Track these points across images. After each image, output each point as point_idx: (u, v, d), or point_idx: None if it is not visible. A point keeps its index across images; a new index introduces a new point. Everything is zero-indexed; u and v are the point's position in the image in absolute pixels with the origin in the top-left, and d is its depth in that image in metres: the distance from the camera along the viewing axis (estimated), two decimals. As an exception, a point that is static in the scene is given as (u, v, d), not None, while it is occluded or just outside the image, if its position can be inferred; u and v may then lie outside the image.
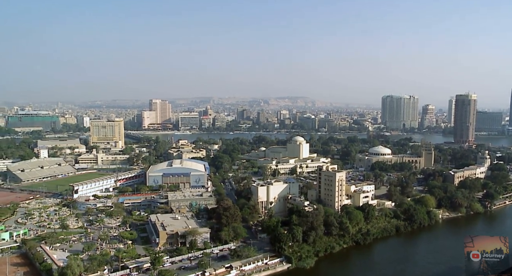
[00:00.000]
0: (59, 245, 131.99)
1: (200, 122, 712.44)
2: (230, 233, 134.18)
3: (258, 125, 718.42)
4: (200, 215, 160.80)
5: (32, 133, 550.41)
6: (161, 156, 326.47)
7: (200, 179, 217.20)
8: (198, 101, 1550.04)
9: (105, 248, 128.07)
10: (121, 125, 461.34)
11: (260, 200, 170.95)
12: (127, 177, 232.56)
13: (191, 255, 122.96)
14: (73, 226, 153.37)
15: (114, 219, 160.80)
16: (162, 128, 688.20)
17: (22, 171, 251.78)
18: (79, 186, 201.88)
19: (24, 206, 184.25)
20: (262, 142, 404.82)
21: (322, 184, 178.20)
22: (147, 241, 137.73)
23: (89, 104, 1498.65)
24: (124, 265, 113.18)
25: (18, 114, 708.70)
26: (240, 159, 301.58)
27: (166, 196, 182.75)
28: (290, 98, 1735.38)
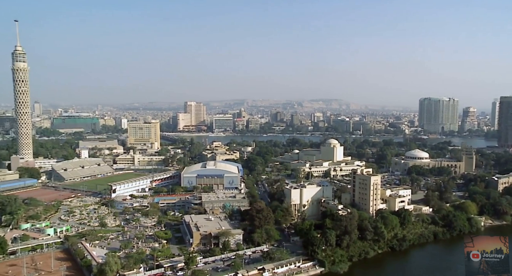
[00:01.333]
0: (98, 242, 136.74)
1: (234, 124, 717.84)
2: (263, 235, 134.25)
3: (291, 128, 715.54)
4: (233, 217, 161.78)
5: (75, 134, 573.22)
6: (195, 158, 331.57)
7: (233, 181, 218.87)
8: (232, 104, 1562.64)
9: (141, 247, 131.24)
10: (157, 127, 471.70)
11: (293, 202, 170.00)
12: (162, 178, 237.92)
13: (224, 256, 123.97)
14: (111, 225, 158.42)
15: (150, 219, 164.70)
16: (197, 130, 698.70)
17: (65, 170, 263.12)
18: (117, 185, 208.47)
19: (67, 203, 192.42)
20: (296, 145, 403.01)
21: (357, 188, 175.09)
22: (181, 241, 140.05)
23: (127, 106, 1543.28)
24: (159, 264, 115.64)
25: (62, 116, 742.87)
26: (273, 162, 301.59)
27: (200, 197, 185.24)
28: (324, 101, 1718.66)
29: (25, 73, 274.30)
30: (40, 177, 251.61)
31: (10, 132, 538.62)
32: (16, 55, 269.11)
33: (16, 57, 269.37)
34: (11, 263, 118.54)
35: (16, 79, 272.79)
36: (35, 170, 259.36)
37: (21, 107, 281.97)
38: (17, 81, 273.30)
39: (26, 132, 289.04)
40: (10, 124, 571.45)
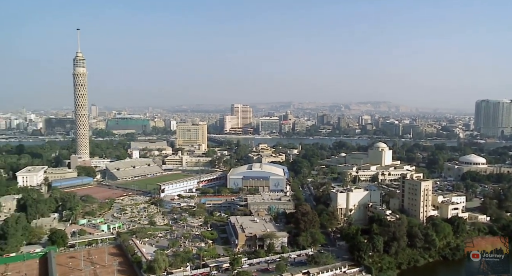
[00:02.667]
0: (147, 239, 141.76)
1: (280, 126, 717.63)
2: (308, 239, 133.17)
3: (338, 131, 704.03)
4: (278, 219, 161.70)
5: (127, 135, 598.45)
6: (241, 160, 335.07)
7: (279, 183, 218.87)
8: (278, 106, 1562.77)
9: (188, 246, 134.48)
10: (205, 128, 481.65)
11: (339, 206, 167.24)
12: (209, 179, 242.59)
13: (268, 258, 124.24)
14: (159, 223, 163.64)
15: (197, 219, 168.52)
16: (243, 132, 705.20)
17: (118, 170, 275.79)
18: (166, 185, 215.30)
19: (119, 202, 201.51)
20: (343, 148, 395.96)
21: (406, 193, 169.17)
22: (227, 241, 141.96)
23: (176, 108, 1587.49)
24: (205, 264, 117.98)
25: (116, 118, 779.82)
26: (319, 165, 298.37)
27: (246, 199, 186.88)
28: (372, 103, 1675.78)
29: (84, 77, 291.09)
30: (95, 176, 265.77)
31: (70, 133, 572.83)
32: (76, 61, 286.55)
33: (77, 63, 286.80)
34: (71, 255, 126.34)
35: (76, 83, 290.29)
36: (91, 169, 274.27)
37: (80, 110, 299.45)
38: (77, 85, 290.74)
39: (84, 133, 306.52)
40: (70, 125, 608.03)
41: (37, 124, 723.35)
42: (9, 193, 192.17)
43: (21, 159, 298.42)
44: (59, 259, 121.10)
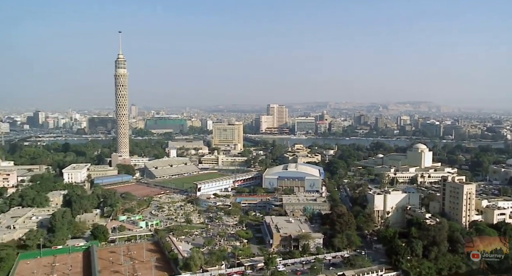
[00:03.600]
0: (183, 237, 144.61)
1: (316, 126, 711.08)
2: (344, 241, 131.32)
3: (376, 131, 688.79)
4: (314, 220, 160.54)
5: (165, 135, 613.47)
6: (277, 160, 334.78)
7: (314, 184, 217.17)
8: (314, 106, 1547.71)
9: (223, 245, 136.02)
10: (241, 128, 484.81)
11: (376, 208, 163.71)
12: (244, 178, 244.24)
13: (303, 259, 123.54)
14: (195, 221, 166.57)
15: (232, 218, 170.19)
16: (279, 132, 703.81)
17: (156, 168, 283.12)
18: (202, 184, 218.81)
19: (157, 199, 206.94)
20: (380, 149, 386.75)
21: (447, 196, 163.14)
22: (261, 241, 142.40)
23: (213, 108, 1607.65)
24: (240, 262, 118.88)
25: (154, 118, 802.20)
26: (356, 166, 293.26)
27: (281, 199, 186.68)
28: (412, 103, 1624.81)
29: (125, 78, 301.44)
30: (134, 174, 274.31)
31: (111, 132, 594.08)
32: (118, 63, 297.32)
33: (118, 64, 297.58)
34: (111, 250, 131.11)
35: (117, 84, 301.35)
36: (130, 167, 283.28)
37: (120, 109, 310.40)
38: (118, 86, 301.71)
39: (124, 132, 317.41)
40: (111, 124, 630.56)
41: (81, 124, 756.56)
42: (56, 188, 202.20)
43: (67, 156, 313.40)
44: (100, 253, 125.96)
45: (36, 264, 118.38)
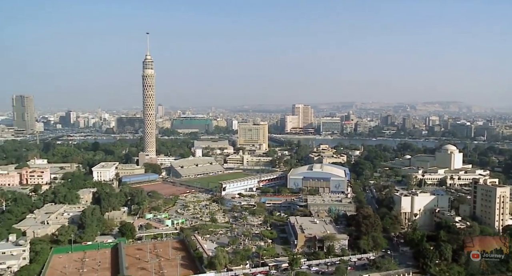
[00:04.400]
0: (208, 236, 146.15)
1: (341, 127, 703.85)
2: (370, 242, 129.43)
3: (403, 132, 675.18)
4: (339, 221, 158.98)
5: (190, 134, 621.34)
6: (302, 160, 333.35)
7: (340, 185, 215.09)
8: (340, 106, 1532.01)
9: (248, 244, 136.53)
10: (266, 128, 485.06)
11: (403, 210, 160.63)
12: (269, 178, 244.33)
13: (328, 261, 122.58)
14: (220, 221, 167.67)
15: (256, 218, 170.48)
16: (304, 132, 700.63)
17: (182, 168, 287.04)
18: (227, 184, 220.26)
19: (182, 198, 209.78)
20: (408, 150, 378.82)
21: (478, 199, 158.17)
22: (286, 241, 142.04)
23: (238, 108, 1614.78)
24: (264, 262, 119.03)
25: (180, 117, 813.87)
26: (382, 167, 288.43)
27: (306, 199, 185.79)
28: (441, 103, 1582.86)
29: (152, 78, 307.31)
30: (161, 173, 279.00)
31: (139, 131, 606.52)
32: (146, 63, 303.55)
33: (146, 65, 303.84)
34: (138, 247, 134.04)
35: (145, 84, 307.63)
36: (157, 166, 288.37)
37: (148, 109, 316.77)
38: (145, 86, 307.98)
39: (151, 132, 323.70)
40: (139, 124, 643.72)
41: (110, 123, 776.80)
42: (86, 186, 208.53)
43: (96, 155, 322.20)
44: (128, 250, 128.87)
45: (68, 258, 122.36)
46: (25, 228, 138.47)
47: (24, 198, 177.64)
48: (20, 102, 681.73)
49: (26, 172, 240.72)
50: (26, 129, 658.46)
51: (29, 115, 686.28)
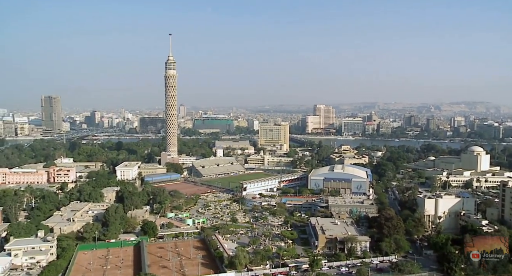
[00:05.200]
0: (229, 236, 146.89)
1: (363, 127, 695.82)
2: (392, 245, 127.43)
3: (427, 133, 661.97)
4: (360, 223, 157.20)
5: (212, 134, 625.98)
6: (323, 161, 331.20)
7: (361, 186, 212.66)
8: (362, 107, 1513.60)
9: (268, 244, 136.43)
10: (287, 129, 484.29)
11: (427, 213, 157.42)
12: (290, 179, 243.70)
13: (349, 262, 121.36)
14: (241, 221, 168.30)
15: (277, 218, 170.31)
16: (325, 132, 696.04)
17: (203, 167, 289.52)
18: (248, 184, 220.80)
19: (203, 198, 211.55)
20: (432, 151, 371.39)
21: (507, 203, 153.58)
22: (306, 242, 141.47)
23: (259, 108, 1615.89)
24: (284, 263, 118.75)
25: (202, 118, 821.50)
26: (405, 168, 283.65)
27: (327, 201, 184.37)
28: (467, 104, 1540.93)
29: (174, 79, 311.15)
30: (182, 172, 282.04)
31: (161, 131, 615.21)
32: (168, 64, 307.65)
33: (168, 66, 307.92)
34: (160, 245, 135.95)
35: (167, 85, 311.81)
36: (179, 165, 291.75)
37: (170, 110, 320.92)
38: (167, 87, 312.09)
39: (173, 132, 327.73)
40: (161, 124, 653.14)
41: (133, 123, 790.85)
42: (110, 185, 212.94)
43: (120, 154, 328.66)
44: (150, 248, 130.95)
45: (92, 255, 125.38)
46: (52, 225, 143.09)
47: (51, 196, 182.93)
48: (48, 103, 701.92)
49: (53, 170, 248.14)
50: (54, 128, 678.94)
51: (56, 115, 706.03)
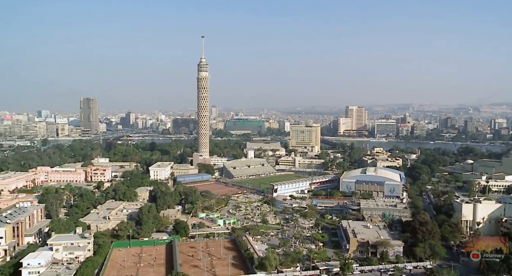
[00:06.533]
0: (259, 237, 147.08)
1: (397, 129, 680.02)
2: (426, 250, 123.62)
3: (464, 135, 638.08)
4: (393, 227, 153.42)
5: (243, 136, 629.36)
6: (355, 163, 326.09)
7: (394, 189, 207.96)
8: (396, 108, 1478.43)
9: (298, 247, 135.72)
10: (318, 130, 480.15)
11: (464, 218, 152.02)
12: (321, 181, 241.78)
13: (381, 267, 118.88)
14: (271, 222, 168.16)
15: (308, 220, 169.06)
16: (357, 134, 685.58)
17: (234, 168, 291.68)
18: (278, 186, 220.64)
19: (234, 199, 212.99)
20: (470, 154, 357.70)
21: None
22: (337, 245, 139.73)
23: (290, 110, 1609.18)
24: (315, 266, 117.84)
25: (233, 119, 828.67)
26: (441, 171, 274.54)
27: (359, 203, 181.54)
28: (509, 105, 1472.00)
29: (206, 81, 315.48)
30: (214, 173, 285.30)
31: (193, 132, 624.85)
32: (200, 66, 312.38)
33: (201, 68, 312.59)
34: (191, 245, 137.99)
35: (199, 87, 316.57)
36: (210, 166, 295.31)
37: (202, 111, 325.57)
38: (200, 88, 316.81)
39: (205, 133, 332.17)
40: (193, 125, 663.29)
41: (166, 124, 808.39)
42: (143, 184, 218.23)
43: (153, 155, 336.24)
44: (181, 247, 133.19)
45: (127, 252, 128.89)
46: (89, 222, 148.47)
47: (88, 194, 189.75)
48: (86, 105, 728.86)
49: (90, 169, 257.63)
50: (91, 129, 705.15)
51: (94, 116, 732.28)
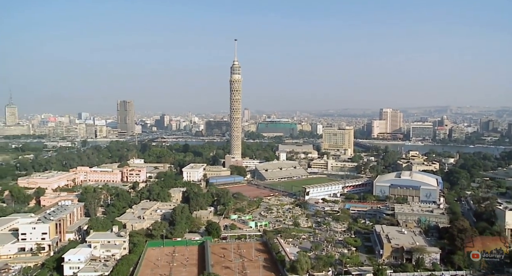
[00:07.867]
0: (291, 240, 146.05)
1: (434, 133, 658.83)
2: (466, 259, 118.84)
3: (508, 139, 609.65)
4: (429, 233, 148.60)
5: (275, 138, 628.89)
6: (389, 166, 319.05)
7: (431, 194, 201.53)
8: (432, 111, 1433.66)
9: (330, 251, 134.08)
10: (351, 133, 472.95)
11: (508, 226, 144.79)
12: (354, 185, 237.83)
13: (417, 274, 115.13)
14: (303, 225, 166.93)
15: (340, 224, 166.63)
16: (392, 137, 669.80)
17: (266, 171, 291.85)
18: (311, 188, 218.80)
19: (266, 201, 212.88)
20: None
21: None
22: (371, 250, 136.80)
23: (323, 112, 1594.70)
24: (347, 270, 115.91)
25: (266, 121, 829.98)
26: (481, 176, 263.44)
27: (393, 208, 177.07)
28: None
29: (239, 83, 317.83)
30: (245, 175, 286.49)
31: (226, 134, 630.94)
32: (233, 69, 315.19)
33: (233, 71, 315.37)
34: (223, 246, 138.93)
35: (232, 89, 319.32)
36: (242, 168, 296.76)
37: (234, 113, 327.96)
38: (232, 91, 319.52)
39: (237, 135, 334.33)
40: (226, 127, 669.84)
41: (199, 126, 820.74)
42: (176, 185, 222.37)
43: (186, 156, 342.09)
44: (213, 248, 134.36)
45: (160, 252, 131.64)
46: (125, 221, 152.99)
47: (124, 194, 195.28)
48: (123, 107, 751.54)
49: (126, 170, 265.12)
50: (127, 131, 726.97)
51: (130, 118, 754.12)
